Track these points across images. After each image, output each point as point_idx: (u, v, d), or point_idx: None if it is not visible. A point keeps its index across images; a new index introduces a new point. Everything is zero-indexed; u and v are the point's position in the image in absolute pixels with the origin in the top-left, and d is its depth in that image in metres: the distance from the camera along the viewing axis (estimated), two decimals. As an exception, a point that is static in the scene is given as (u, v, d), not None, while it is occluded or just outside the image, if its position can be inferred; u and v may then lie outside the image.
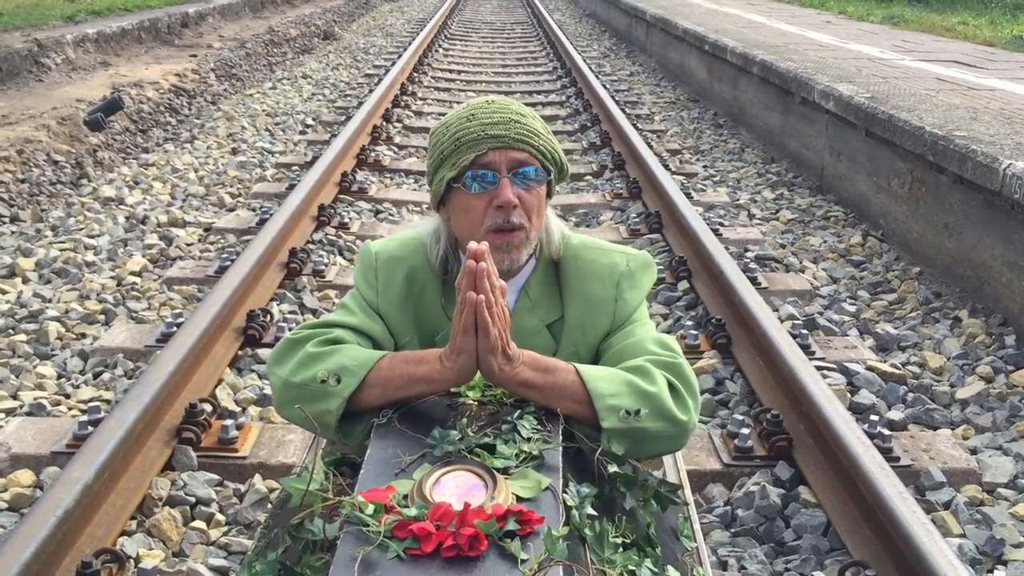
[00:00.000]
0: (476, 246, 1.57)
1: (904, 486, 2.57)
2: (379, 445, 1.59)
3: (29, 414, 3.23)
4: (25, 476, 2.83)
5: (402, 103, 8.89)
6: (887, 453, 2.95)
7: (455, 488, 1.43)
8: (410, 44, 12.17)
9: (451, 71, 11.36)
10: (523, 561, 1.30)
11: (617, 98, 9.15)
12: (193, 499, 2.78)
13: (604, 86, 9.44)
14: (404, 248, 1.93)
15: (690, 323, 4.01)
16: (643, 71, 11.76)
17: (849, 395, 3.45)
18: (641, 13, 13.12)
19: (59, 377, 3.56)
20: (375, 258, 1.93)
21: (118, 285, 4.41)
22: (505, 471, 1.50)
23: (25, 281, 4.47)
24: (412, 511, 1.35)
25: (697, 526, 2.03)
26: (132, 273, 4.53)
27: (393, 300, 1.89)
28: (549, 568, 1.29)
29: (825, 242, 5.22)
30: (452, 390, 1.75)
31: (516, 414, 1.64)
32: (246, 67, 11.79)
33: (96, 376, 3.54)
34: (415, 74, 10.48)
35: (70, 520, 2.31)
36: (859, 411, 3.36)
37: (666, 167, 6.42)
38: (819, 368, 3.59)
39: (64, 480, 2.40)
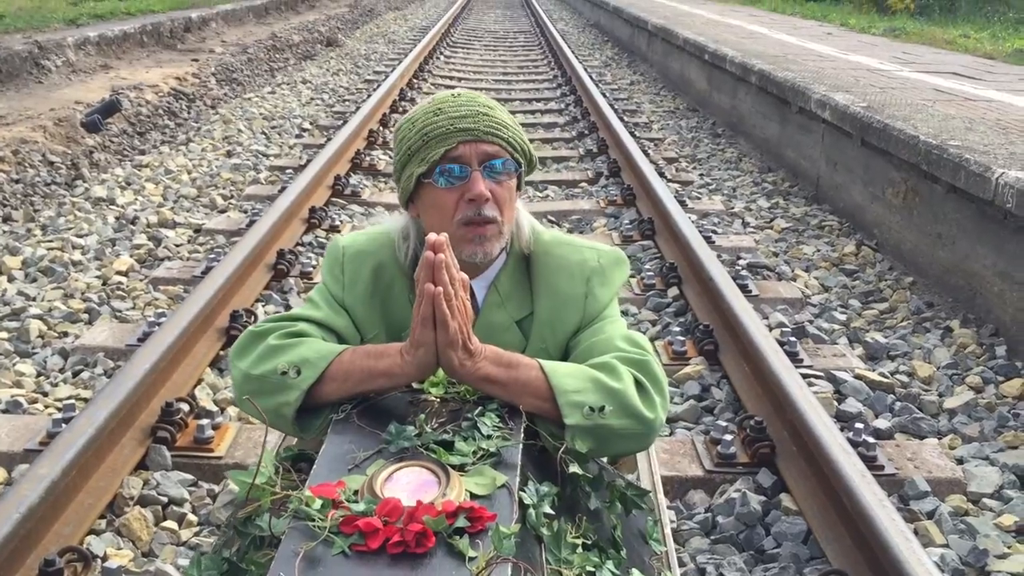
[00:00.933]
0: (435, 237, 1.54)
1: (886, 495, 2.53)
2: (335, 440, 1.55)
3: (5, 411, 3.20)
4: (-3, 473, 2.80)
5: (400, 108, 8.87)
6: (871, 461, 2.91)
7: (407, 484, 1.39)
8: (411, 51, 12.17)
9: (452, 78, 11.35)
10: (471, 559, 1.26)
11: (616, 106, 9.13)
12: (165, 499, 2.74)
13: (603, 94, 9.43)
14: (372, 243, 1.90)
15: (678, 329, 3.97)
16: (644, 80, 11.74)
17: (836, 403, 3.41)
18: (643, 23, 13.11)
19: (38, 375, 3.53)
20: (342, 252, 1.90)
21: (103, 284, 4.39)
22: (461, 468, 1.47)
23: (11, 280, 4.44)
24: (360, 506, 1.32)
25: (668, 530, 1.99)
26: (118, 273, 4.50)
27: (359, 295, 1.86)
28: (496, 566, 1.25)
29: (818, 251, 5.19)
30: (415, 386, 1.72)
31: (477, 411, 1.60)
32: (247, 72, 11.79)
33: (75, 375, 3.51)
34: (415, 80, 10.47)
35: (34, 517, 2.27)
36: (845, 419, 3.32)
37: (662, 175, 6.39)
38: (806, 376, 3.55)
39: (30, 477, 2.37)
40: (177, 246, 4.97)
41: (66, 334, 3.88)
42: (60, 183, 6.51)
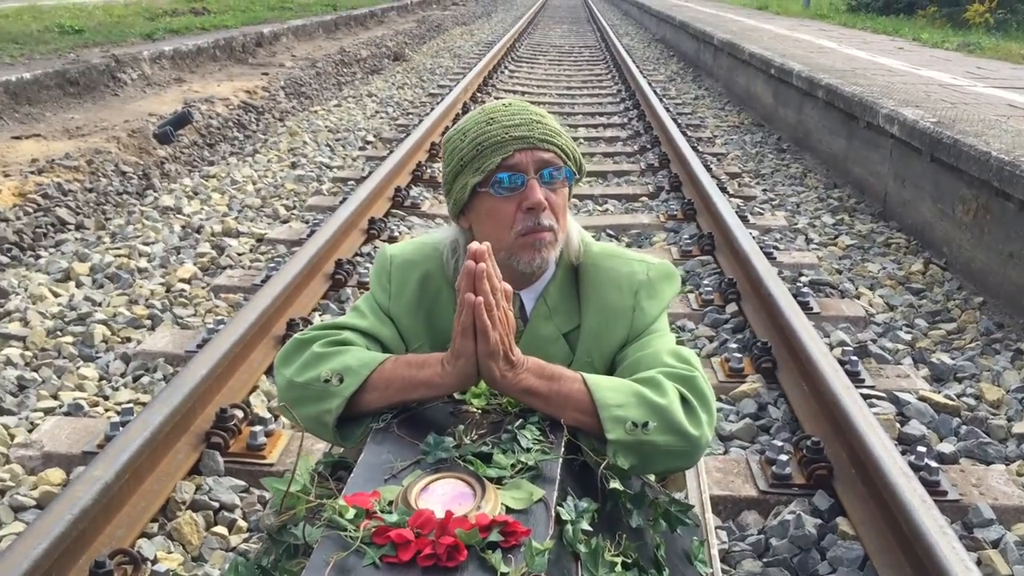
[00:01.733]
0: (477, 246, 1.53)
1: (948, 521, 2.44)
2: (373, 450, 1.55)
3: (67, 414, 3.27)
4: (55, 475, 2.86)
5: (463, 122, 8.89)
6: (933, 486, 2.82)
7: (442, 496, 1.37)
8: (476, 65, 12.24)
9: (515, 91, 11.38)
10: (503, 574, 1.24)
11: (679, 121, 9.07)
12: (217, 504, 2.77)
13: (667, 109, 9.37)
14: (419, 253, 1.89)
15: (735, 346, 3.90)
16: (708, 95, 11.64)
17: (898, 425, 3.31)
18: (709, 38, 13.02)
19: (100, 379, 3.60)
20: (390, 262, 1.90)
21: (167, 291, 4.47)
22: (499, 481, 1.44)
23: (79, 285, 4.55)
24: (393, 517, 1.30)
25: (715, 551, 1.94)
26: (182, 280, 4.59)
27: (405, 305, 1.85)
28: (529, 582, 1.23)
29: (884, 269, 5.06)
30: (457, 397, 1.71)
31: (518, 423, 1.58)
32: (315, 85, 12.00)
33: (136, 379, 3.58)
34: (478, 94, 10.52)
35: (87, 519, 2.31)
36: (908, 442, 3.22)
37: (723, 190, 6.32)
38: (867, 396, 3.47)
39: (84, 479, 2.41)
40: (239, 255, 5.04)
41: (129, 339, 3.95)
42: (131, 192, 6.67)
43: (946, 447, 3.19)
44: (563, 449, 1.57)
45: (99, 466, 2.46)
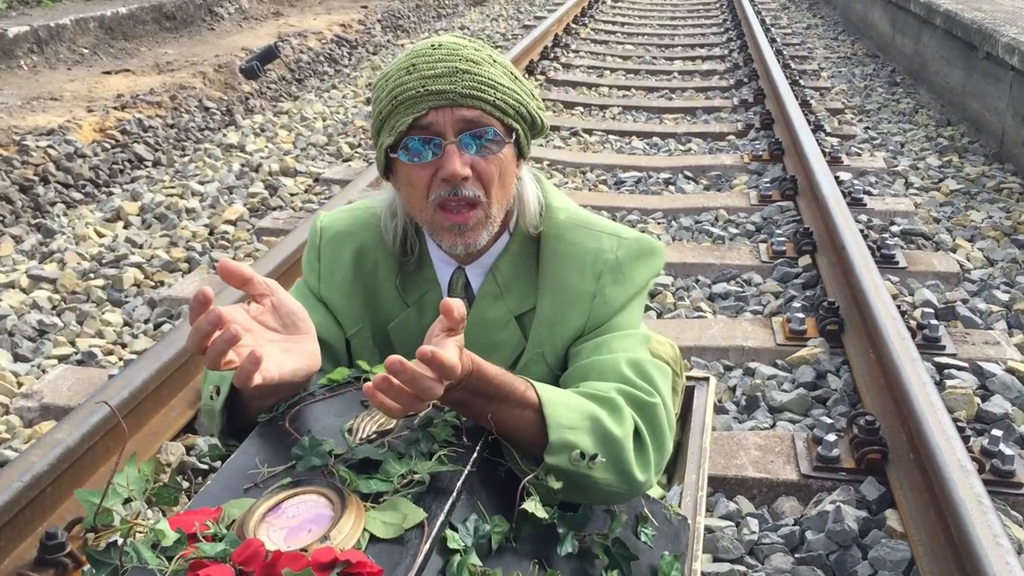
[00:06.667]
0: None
1: (1007, 523, 2.08)
2: (249, 449, 1.31)
3: (80, 362, 3.16)
4: (48, 428, 2.74)
5: (551, 55, 8.51)
6: (1007, 477, 2.45)
7: (292, 519, 1.12)
8: (576, -6, 11.72)
9: (614, 22, 10.86)
10: (331, 630, 0.99)
11: (786, 52, 8.46)
12: (206, 467, 2.61)
13: (773, 40, 8.75)
14: (355, 222, 1.62)
15: (799, 305, 3.52)
16: (823, 24, 10.88)
17: (978, 401, 2.90)
18: (828, -39, 12.16)
19: (123, 325, 3.49)
20: (320, 235, 1.64)
21: (210, 233, 4.33)
22: (377, 499, 1.18)
23: (126, 226, 4.46)
24: (215, 548, 1.06)
25: (697, 565, 1.65)
26: (227, 222, 4.44)
27: (338, 284, 1.59)
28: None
29: (990, 218, 4.53)
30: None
31: (424, 421, 1.31)
32: (414, 18, 11.73)
33: (157, 327, 3.45)
34: (573, 25, 10.06)
35: (40, 486, 2.16)
36: (987, 421, 2.83)
37: (819, 128, 5.81)
38: (945, 367, 3.07)
39: (44, 442, 2.26)
40: (292, 195, 4.87)
41: (162, 283, 3.83)
42: (213, 129, 6.59)
43: (1032, 430, 2.78)
44: (477, 455, 1.29)
45: (64, 428, 2.31)
